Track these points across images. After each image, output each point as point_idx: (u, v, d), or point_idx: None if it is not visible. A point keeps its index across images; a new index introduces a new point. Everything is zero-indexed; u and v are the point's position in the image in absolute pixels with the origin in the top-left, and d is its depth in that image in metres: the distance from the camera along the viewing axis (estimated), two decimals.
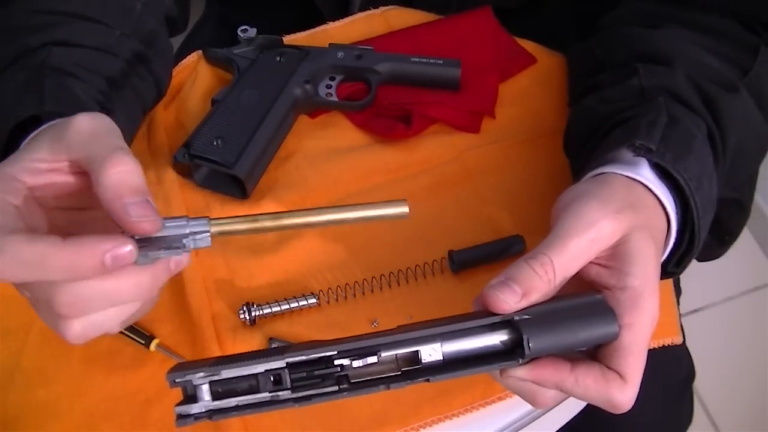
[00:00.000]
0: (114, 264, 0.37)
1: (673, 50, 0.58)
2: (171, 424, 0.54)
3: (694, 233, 0.49)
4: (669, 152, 0.48)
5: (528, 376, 0.41)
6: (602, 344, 0.42)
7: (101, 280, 0.38)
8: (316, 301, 0.58)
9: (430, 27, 0.74)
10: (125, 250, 0.37)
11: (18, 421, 0.54)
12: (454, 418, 0.55)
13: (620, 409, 0.42)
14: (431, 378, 0.40)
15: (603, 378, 0.42)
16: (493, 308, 0.41)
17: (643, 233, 0.44)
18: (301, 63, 0.69)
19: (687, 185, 0.48)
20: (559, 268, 0.42)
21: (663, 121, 0.51)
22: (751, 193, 0.66)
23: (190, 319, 0.58)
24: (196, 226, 0.40)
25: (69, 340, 0.39)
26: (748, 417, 1.35)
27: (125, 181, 0.38)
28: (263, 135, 0.64)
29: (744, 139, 0.56)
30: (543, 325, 0.41)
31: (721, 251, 0.68)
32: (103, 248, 0.36)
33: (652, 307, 0.43)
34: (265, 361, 0.39)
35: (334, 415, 0.55)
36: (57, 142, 0.40)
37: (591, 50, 0.65)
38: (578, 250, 0.43)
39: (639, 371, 0.42)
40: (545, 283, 0.42)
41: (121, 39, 0.58)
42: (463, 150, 0.68)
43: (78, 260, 0.36)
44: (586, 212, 0.44)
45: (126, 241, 0.37)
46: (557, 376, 0.41)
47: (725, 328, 1.44)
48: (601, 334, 0.41)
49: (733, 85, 0.57)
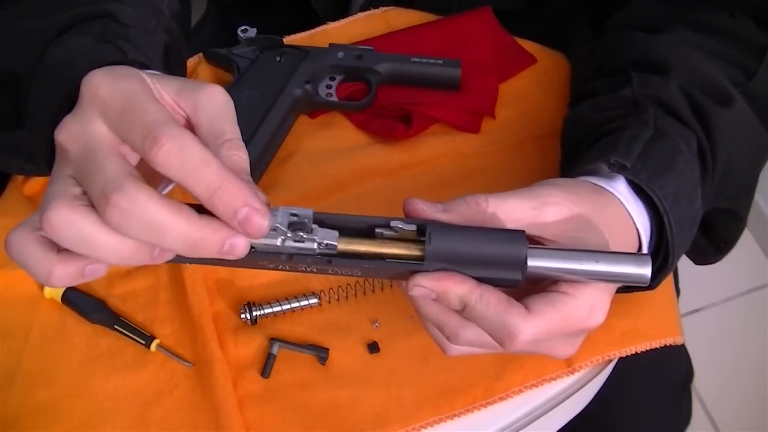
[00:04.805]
0: (242, 222, 0.35)
1: (672, 58, 0.58)
2: (172, 424, 0.54)
3: (668, 250, 0.50)
4: (646, 169, 0.49)
5: (433, 284, 0.41)
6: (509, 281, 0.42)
7: (162, 208, 0.35)
8: (318, 300, 0.58)
9: (430, 27, 0.74)
10: (262, 221, 0.35)
11: (18, 422, 0.54)
12: (455, 418, 0.55)
13: (515, 341, 0.41)
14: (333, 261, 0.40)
15: (507, 301, 0.41)
16: (411, 211, 0.42)
17: (596, 230, 0.45)
18: (301, 63, 0.69)
19: (661, 203, 0.48)
20: (492, 211, 0.43)
21: (647, 135, 0.51)
22: (748, 203, 0.66)
23: (191, 319, 0.58)
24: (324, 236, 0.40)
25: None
26: (748, 417, 1.35)
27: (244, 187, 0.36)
28: (263, 135, 0.64)
29: (736, 152, 0.56)
30: (451, 230, 0.41)
31: (718, 257, 0.69)
32: (247, 199, 0.35)
33: (596, 293, 0.43)
34: None
35: (335, 416, 0.55)
36: (186, 92, 0.39)
37: (593, 53, 0.65)
38: (517, 209, 0.43)
39: (547, 321, 0.41)
40: (472, 212, 0.42)
41: (156, 28, 0.57)
42: (463, 150, 0.68)
43: (227, 188, 0.35)
44: (540, 188, 0.45)
45: (267, 215, 0.36)
46: (462, 287, 0.41)
47: (725, 328, 1.44)
48: (508, 254, 0.40)
49: (728, 98, 0.56)
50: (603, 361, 0.57)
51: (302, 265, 0.41)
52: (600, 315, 0.43)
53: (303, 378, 0.56)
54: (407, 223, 0.41)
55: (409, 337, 0.57)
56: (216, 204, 0.35)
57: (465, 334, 0.43)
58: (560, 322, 0.42)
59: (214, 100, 0.39)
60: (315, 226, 0.40)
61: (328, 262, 0.40)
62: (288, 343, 0.57)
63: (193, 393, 0.55)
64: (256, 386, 0.56)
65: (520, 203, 0.44)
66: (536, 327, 0.41)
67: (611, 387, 0.63)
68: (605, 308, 0.44)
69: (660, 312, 0.59)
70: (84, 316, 0.58)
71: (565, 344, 0.45)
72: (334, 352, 0.57)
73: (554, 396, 0.57)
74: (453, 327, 0.44)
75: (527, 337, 0.41)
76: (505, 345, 0.42)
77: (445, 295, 0.41)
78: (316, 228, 0.40)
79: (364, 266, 0.41)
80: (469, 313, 0.41)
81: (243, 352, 0.57)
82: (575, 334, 0.45)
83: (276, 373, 0.56)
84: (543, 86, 0.72)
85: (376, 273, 0.45)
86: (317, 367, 0.57)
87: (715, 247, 0.66)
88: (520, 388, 0.56)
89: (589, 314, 0.43)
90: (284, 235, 0.39)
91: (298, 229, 0.39)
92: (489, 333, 0.42)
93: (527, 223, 0.44)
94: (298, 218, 0.39)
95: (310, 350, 0.57)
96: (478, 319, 0.41)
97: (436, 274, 0.41)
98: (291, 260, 0.40)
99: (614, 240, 0.45)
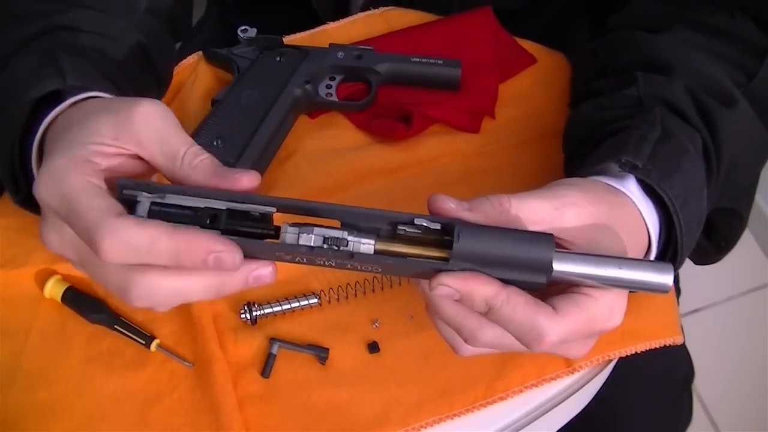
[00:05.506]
0: (215, 265, 0.37)
1: (675, 58, 0.58)
2: (172, 424, 0.54)
3: (677, 250, 0.49)
4: (656, 169, 0.48)
5: (458, 284, 0.40)
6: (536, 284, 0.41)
7: (176, 277, 0.38)
8: (318, 300, 0.58)
9: (430, 27, 0.74)
10: (232, 257, 0.38)
11: (18, 422, 0.54)
12: (455, 418, 0.55)
13: (543, 342, 0.41)
14: (355, 256, 0.40)
15: (534, 303, 0.41)
16: (436, 209, 0.41)
17: (614, 234, 0.44)
18: (301, 63, 0.69)
19: (672, 203, 0.48)
20: (515, 212, 0.42)
21: (655, 135, 0.51)
22: (749, 203, 0.66)
23: (191, 319, 0.58)
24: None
25: None
26: (748, 417, 1.35)
27: None
28: (263, 135, 0.64)
29: (740, 153, 0.56)
30: (479, 230, 0.40)
31: (718, 257, 0.68)
32: (210, 247, 0.37)
33: (615, 296, 0.43)
34: (209, 199, 0.39)
35: (335, 416, 0.55)
36: (122, 131, 0.41)
37: (594, 53, 0.65)
38: (538, 209, 0.43)
39: (574, 321, 0.41)
40: (496, 212, 0.42)
41: (126, 30, 0.57)
42: (463, 150, 0.68)
43: (186, 249, 0.37)
44: (558, 188, 0.45)
45: (233, 249, 0.38)
46: (488, 288, 0.40)
47: (725, 328, 1.44)
48: (535, 257, 0.40)
49: (732, 98, 0.56)
50: (603, 361, 0.57)
51: (321, 259, 0.40)
52: (618, 317, 0.43)
53: (303, 378, 0.56)
54: (432, 221, 0.40)
55: (409, 337, 0.57)
56: (185, 265, 0.37)
57: (484, 336, 0.43)
58: (584, 323, 0.42)
59: (150, 124, 0.41)
60: (350, 239, 0.40)
61: (350, 256, 0.40)
62: (288, 343, 0.57)
63: (193, 393, 0.55)
64: (256, 386, 0.56)
65: (541, 204, 0.43)
66: (564, 328, 0.41)
67: (611, 387, 0.63)
68: (623, 311, 0.44)
69: (660, 312, 0.59)
70: (84, 316, 0.58)
71: (581, 345, 0.45)
72: (334, 352, 0.57)
73: (554, 396, 0.57)
74: (472, 329, 0.43)
75: (555, 338, 0.41)
76: (532, 346, 0.41)
77: (470, 296, 0.40)
78: (350, 240, 0.40)
79: (387, 263, 0.40)
80: (495, 315, 0.41)
81: (243, 352, 0.57)
82: (593, 335, 0.45)
83: (276, 373, 0.56)
84: (543, 86, 0.72)
85: (397, 271, 0.45)
86: (317, 367, 0.57)
87: (715, 246, 0.66)
88: (520, 387, 0.56)
89: (610, 316, 0.43)
90: (322, 255, 0.40)
91: (333, 245, 0.40)
92: (515, 335, 0.42)
93: (548, 225, 0.43)
94: (332, 239, 0.40)
95: (310, 350, 0.57)
96: (505, 322, 0.41)
97: (462, 274, 0.40)
98: (311, 252, 0.40)
99: (629, 242, 0.45)
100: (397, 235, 0.41)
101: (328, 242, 0.39)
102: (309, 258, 0.40)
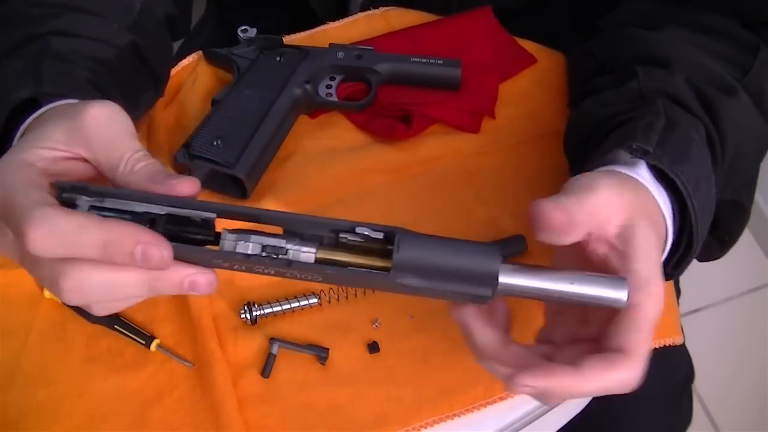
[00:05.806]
0: (142, 260, 0.37)
1: (673, 53, 0.58)
2: (172, 424, 0.54)
3: (692, 235, 0.49)
4: (666, 155, 0.48)
5: (539, 382, 0.40)
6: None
7: (107, 270, 0.38)
8: (318, 300, 0.58)
9: (430, 27, 0.74)
10: (160, 252, 0.37)
11: (18, 422, 0.54)
12: (455, 418, 0.55)
13: (630, 386, 0.41)
14: (293, 265, 0.39)
15: (606, 360, 0.41)
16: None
17: (646, 222, 0.44)
18: (301, 63, 0.69)
19: (684, 187, 0.48)
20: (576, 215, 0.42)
21: (661, 124, 0.51)
22: (751, 195, 0.66)
23: (191, 319, 0.58)
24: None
25: None
26: (748, 417, 1.35)
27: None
28: (263, 135, 0.64)
29: (743, 142, 0.56)
30: (421, 239, 0.39)
31: (722, 252, 0.68)
32: (139, 239, 0.36)
33: (658, 291, 0.43)
34: (149, 203, 0.39)
35: (335, 416, 0.55)
36: (73, 135, 0.41)
37: (590, 52, 0.65)
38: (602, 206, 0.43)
39: (644, 348, 0.41)
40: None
41: (119, 32, 0.57)
42: (464, 150, 0.68)
43: (115, 240, 0.36)
44: (587, 181, 0.45)
45: (163, 244, 0.37)
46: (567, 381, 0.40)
47: (725, 328, 1.44)
48: (480, 268, 0.39)
49: (733, 88, 0.57)
50: None
51: (259, 267, 0.40)
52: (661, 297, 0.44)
53: (303, 378, 0.56)
54: (374, 230, 0.39)
55: (409, 337, 0.57)
56: (113, 257, 0.37)
57: None
58: (649, 340, 0.42)
59: (99, 128, 0.41)
60: (289, 246, 0.39)
61: (288, 265, 0.39)
62: (288, 343, 0.57)
63: (193, 393, 0.55)
64: (256, 386, 0.56)
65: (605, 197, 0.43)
66: (641, 365, 0.41)
67: None
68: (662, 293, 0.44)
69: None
70: (84, 316, 0.58)
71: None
72: (334, 352, 0.57)
73: None
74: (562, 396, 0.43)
75: (638, 377, 0.41)
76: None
77: (550, 393, 0.41)
78: (290, 249, 0.39)
79: (326, 272, 0.39)
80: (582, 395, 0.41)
81: (243, 351, 0.57)
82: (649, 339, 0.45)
83: (276, 373, 0.56)
84: (543, 86, 0.72)
85: (342, 281, 0.45)
86: (317, 367, 0.57)
87: (719, 241, 0.66)
88: None
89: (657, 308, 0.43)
90: (260, 263, 0.39)
91: (272, 254, 0.39)
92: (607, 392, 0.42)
93: (592, 224, 0.43)
94: (270, 247, 0.39)
95: (310, 350, 0.57)
96: (593, 392, 0.41)
97: (540, 370, 0.40)
98: (248, 260, 0.39)
99: (654, 225, 0.45)
100: (339, 244, 0.40)
101: (266, 250, 0.39)
102: (247, 266, 0.40)
